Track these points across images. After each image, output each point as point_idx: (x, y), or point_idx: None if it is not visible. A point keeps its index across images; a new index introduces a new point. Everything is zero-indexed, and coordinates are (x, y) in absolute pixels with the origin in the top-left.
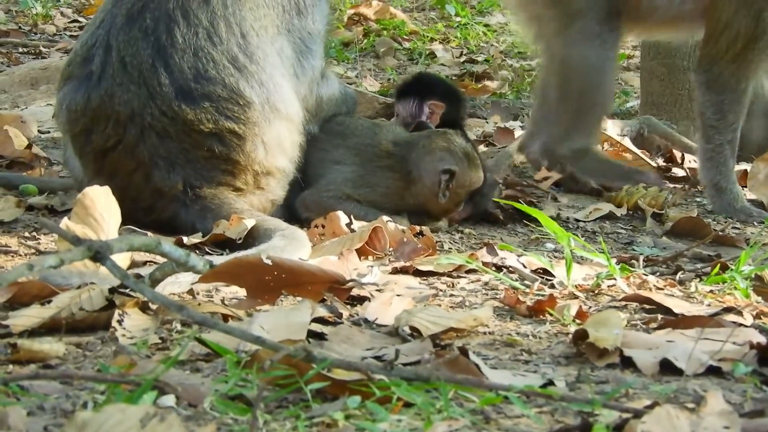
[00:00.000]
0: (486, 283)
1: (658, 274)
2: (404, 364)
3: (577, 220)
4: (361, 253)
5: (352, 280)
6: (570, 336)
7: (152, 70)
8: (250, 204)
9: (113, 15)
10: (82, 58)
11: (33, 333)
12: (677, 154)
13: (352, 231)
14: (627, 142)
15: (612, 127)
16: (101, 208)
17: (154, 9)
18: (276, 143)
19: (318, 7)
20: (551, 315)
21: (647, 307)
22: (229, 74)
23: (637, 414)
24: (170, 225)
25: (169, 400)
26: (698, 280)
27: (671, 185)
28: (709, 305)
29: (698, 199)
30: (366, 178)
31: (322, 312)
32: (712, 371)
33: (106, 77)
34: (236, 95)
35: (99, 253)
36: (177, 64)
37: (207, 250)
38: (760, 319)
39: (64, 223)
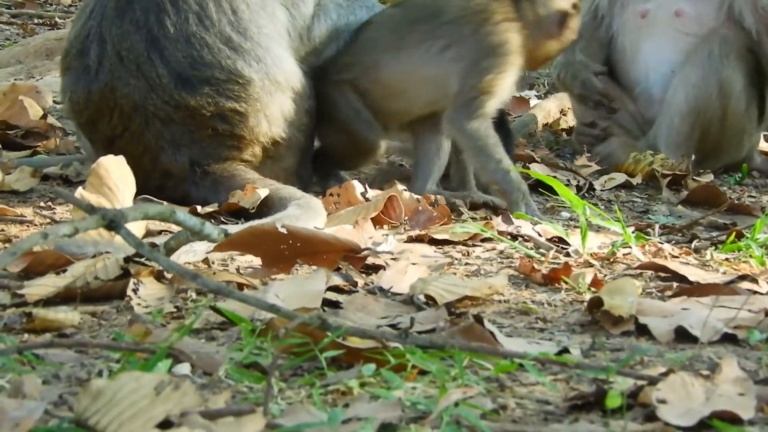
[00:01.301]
0: (501, 252)
1: (673, 242)
2: (419, 332)
3: (593, 189)
4: (377, 221)
5: (367, 249)
6: (585, 304)
7: (149, 62)
8: (262, 173)
9: (102, 5)
10: (78, 50)
11: (48, 302)
12: None
13: (367, 200)
14: None
15: None
16: (116, 178)
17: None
18: (279, 115)
19: None
20: (566, 283)
21: (662, 275)
22: (226, 56)
23: (652, 381)
24: (182, 203)
25: (183, 368)
26: (713, 248)
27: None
28: (724, 273)
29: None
30: None
31: (337, 280)
32: (727, 338)
33: (104, 71)
34: (235, 76)
35: (113, 222)
36: (172, 54)
37: (222, 219)
38: None
39: (79, 192)
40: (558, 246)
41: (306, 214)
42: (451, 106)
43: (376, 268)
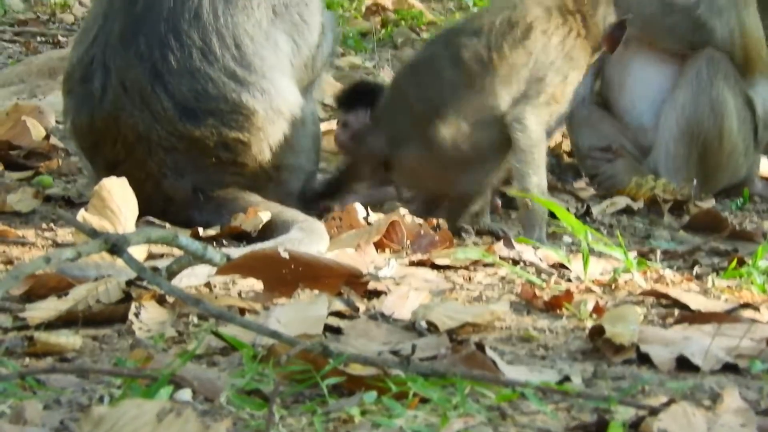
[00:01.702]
0: (503, 277)
1: (675, 268)
2: (421, 359)
3: (589, 211)
4: (379, 245)
5: (369, 274)
6: (586, 331)
7: (153, 95)
8: (265, 197)
9: (106, 33)
10: (81, 75)
11: (50, 325)
12: None
13: (369, 224)
14: None
15: None
16: (118, 200)
17: (147, 33)
18: (282, 142)
19: None
20: (568, 310)
21: (664, 302)
22: (231, 89)
23: (654, 411)
24: (185, 225)
25: (185, 394)
26: (715, 274)
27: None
28: (725, 300)
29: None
30: None
31: (339, 305)
32: (729, 368)
33: (108, 100)
34: (239, 107)
35: (116, 246)
36: (176, 88)
37: (223, 242)
38: None
39: (81, 214)
40: (560, 271)
41: (308, 237)
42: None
43: (378, 293)
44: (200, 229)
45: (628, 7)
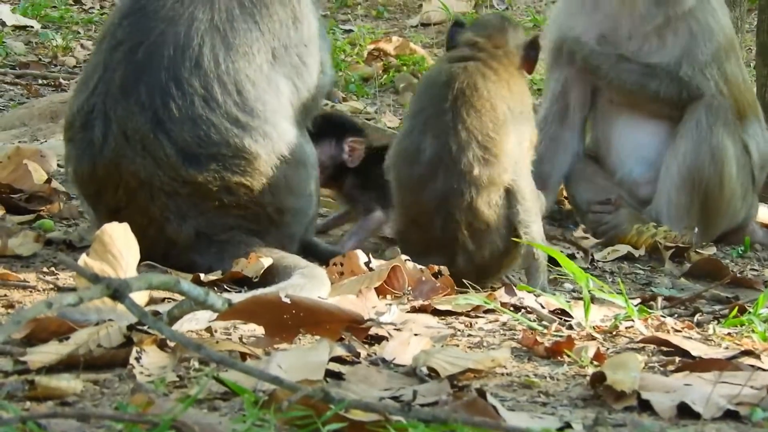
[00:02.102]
0: (504, 324)
1: (676, 315)
2: (422, 405)
3: (594, 260)
4: (380, 291)
5: (370, 319)
6: (587, 378)
7: (155, 142)
8: (266, 240)
9: (106, 83)
10: (81, 124)
11: (51, 369)
12: None
13: (371, 269)
14: None
15: None
16: (120, 245)
17: (148, 81)
18: (284, 186)
19: (312, 7)
20: (569, 356)
21: (665, 349)
22: (233, 135)
23: None
24: (187, 270)
25: None
26: (716, 322)
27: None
28: (726, 348)
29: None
30: None
31: (340, 351)
32: (730, 415)
33: (109, 148)
34: (242, 152)
35: (118, 292)
36: (178, 135)
37: (225, 287)
38: None
39: (83, 259)
40: (561, 318)
41: (310, 283)
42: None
43: (379, 339)
44: (201, 275)
45: (609, 79)
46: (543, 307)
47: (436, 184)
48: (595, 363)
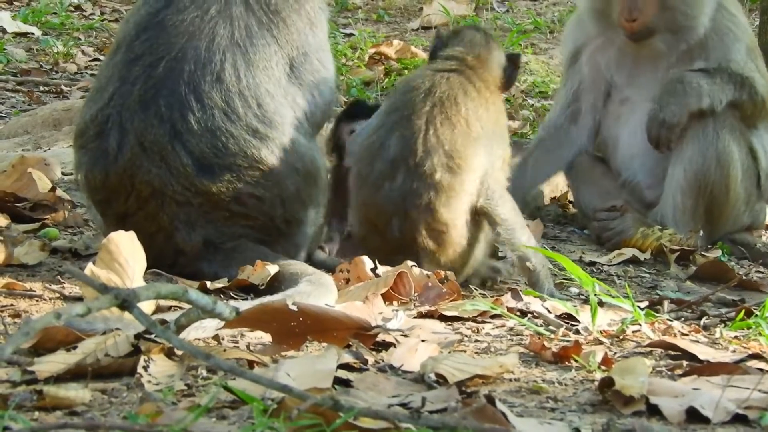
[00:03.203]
0: (511, 329)
1: (682, 319)
2: (430, 412)
3: (599, 264)
4: (387, 297)
5: (377, 326)
6: (596, 383)
7: (173, 153)
8: (274, 248)
9: (123, 95)
10: (95, 133)
11: (58, 379)
12: None
13: (377, 276)
14: None
15: None
16: (126, 254)
17: (167, 95)
18: (295, 197)
19: (324, 11)
20: (577, 361)
21: (672, 353)
22: (252, 146)
23: None
24: (193, 277)
25: None
26: (723, 325)
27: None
28: (734, 351)
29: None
30: None
31: (347, 358)
32: (739, 419)
33: (124, 158)
34: (258, 163)
35: (126, 302)
36: (196, 146)
37: (231, 294)
38: None
39: (89, 268)
40: (567, 323)
41: (317, 290)
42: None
43: (386, 345)
44: (208, 282)
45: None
46: (550, 312)
47: (395, 183)
48: (603, 368)
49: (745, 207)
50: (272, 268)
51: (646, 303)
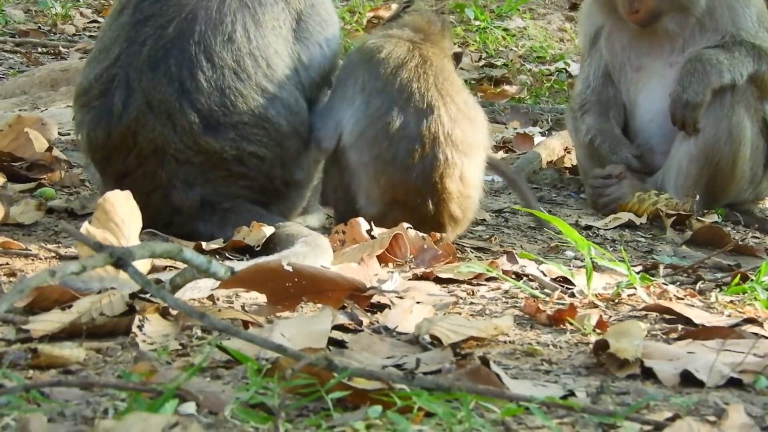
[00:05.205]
0: (506, 292)
1: (678, 283)
2: (425, 374)
3: (595, 228)
4: (382, 259)
5: (372, 288)
6: (590, 346)
7: (180, 111)
8: (270, 210)
9: (131, 55)
10: (99, 91)
11: (53, 338)
12: None
13: (373, 237)
14: None
15: None
16: (122, 213)
17: (177, 55)
18: (294, 159)
19: None
20: (571, 324)
21: (667, 317)
22: (260, 105)
23: (659, 427)
24: (189, 238)
25: (189, 407)
26: (718, 290)
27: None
28: (729, 316)
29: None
30: None
31: (342, 319)
32: (733, 383)
33: (129, 116)
34: (263, 121)
35: (121, 260)
36: (204, 104)
37: (227, 255)
38: None
39: (85, 227)
40: (563, 286)
41: (313, 252)
42: None
43: (381, 307)
44: (203, 243)
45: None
46: (545, 275)
47: (426, 159)
48: (598, 331)
49: (748, 185)
50: (268, 230)
51: (641, 267)
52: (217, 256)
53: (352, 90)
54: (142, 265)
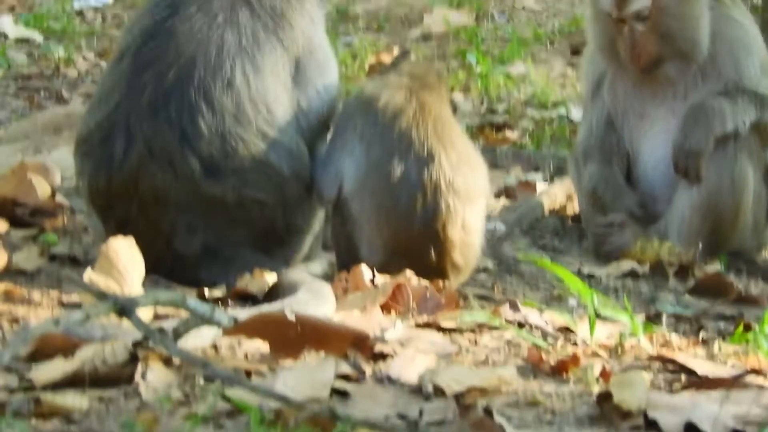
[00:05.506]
0: (509, 340)
1: (681, 333)
2: (428, 424)
3: (598, 276)
4: (385, 307)
5: (375, 337)
6: (594, 396)
7: (181, 158)
8: (272, 256)
9: (132, 101)
10: (100, 138)
11: (56, 386)
12: None
13: (376, 286)
14: None
15: None
16: (125, 260)
17: (178, 100)
18: (296, 204)
19: (320, 8)
20: (575, 374)
21: (671, 367)
22: (260, 150)
23: None
24: (191, 284)
25: None
26: (721, 339)
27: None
28: (732, 366)
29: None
30: None
31: (345, 368)
32: None
33: (130, 164)
34: (265, 166)
35: (125, 309)
36: (205, 149)
37: (229, 303)
38: None
39: (88, 275)
40: (565, 335)
41: (315, 299)
42: None
43: (384, 356)
44: (206, 290)
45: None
46: (547, 324)
47: (428, 207)
48: (601, 381)
49: (751, 234)
50: (271, 277)
51: (644, 316)
52: (220, 304)
53: (351, 139)
54: (145, 313)
